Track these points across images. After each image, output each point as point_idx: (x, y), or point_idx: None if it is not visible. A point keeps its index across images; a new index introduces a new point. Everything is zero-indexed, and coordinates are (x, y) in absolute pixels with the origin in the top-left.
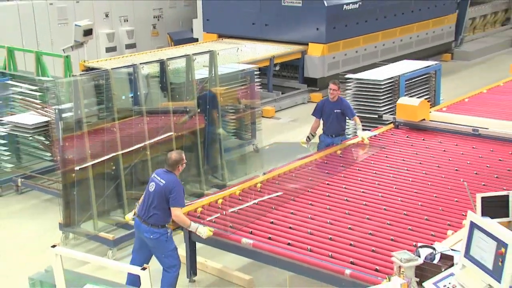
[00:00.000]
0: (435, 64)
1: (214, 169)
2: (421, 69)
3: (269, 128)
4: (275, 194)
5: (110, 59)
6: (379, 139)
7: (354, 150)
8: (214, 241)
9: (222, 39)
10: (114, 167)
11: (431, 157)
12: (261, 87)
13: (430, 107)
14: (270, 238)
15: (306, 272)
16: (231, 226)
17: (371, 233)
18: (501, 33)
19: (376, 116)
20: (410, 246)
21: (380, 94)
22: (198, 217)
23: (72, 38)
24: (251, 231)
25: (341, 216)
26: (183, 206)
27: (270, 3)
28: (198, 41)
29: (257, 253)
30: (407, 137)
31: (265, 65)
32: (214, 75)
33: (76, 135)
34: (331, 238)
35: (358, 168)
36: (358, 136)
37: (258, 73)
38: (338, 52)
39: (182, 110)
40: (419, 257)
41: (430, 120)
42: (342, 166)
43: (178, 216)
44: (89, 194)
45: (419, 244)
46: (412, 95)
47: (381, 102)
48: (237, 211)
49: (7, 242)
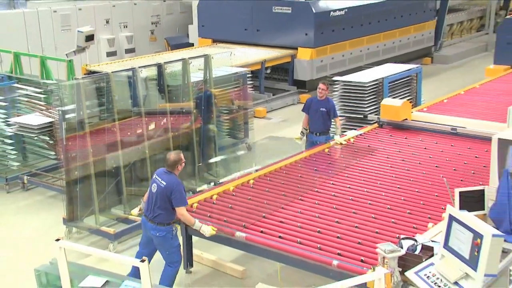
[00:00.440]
0: (416, 67)
1: (209, 166)
2: (403, 72)
3: (261, 127)
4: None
5: (111, 63)
6: (365, 138)
7: (341, 150)
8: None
9: (217, 44)
10: (114, 165)
11: (413, 154)
12: (253, 89)
13: (412, 108)
14: (262, 231)
15: (296, 263)
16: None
17: (357, 226)
18: (476, 38)
19: (361, 116)
20: (393, 238)
21: (365, 96)
22: (194, 211)
23: (74, 43)
24: (244, 225)
25: (329, 210)
26: (186, 205)
27: (261, 10)
28: (193, 45)
29: (249, 245)
30: (391, 136)
31: (257, 68)
32: (209, 78)
33: (78, 135)
34: (320, 231)
35: (344, 165)
36: (335, 139)
37: (250, 76)
38: (325, 56)
39: (179, 111)
40: (402, 248)
41: (412, 119)
42: (330, 163)
43: (183, 215)
44: (91, 191)
45: (402, 236)
46: (395, 96)
47: (366, 103)
48: (232, 207)
49: (14, 236)
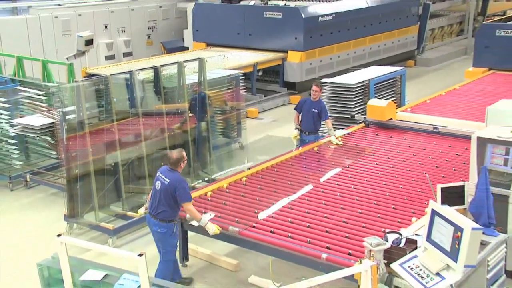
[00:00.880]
0: (401, 69)
1: (204, 164)
2: (388, 74)
3: (253, 127)
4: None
5: (109, 66)
6: (352, 137)
7: (330, 148)
8: (204, 229)
9: (210, 48)
10: (113, 164)
11: (398, 152)
12: (245, 91)
13: (397, 108)
14: (255, 226)
15: (287, 256)
16: (237, 221)
17: (345, 221)
18: (456, 42)
19: (349, 116)
20: (379, 232)
21: (352, 96)
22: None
23: (75, 47)
24: (237, 220)
25: (318, 206)
26: (191, 200)
27: (253, 15)
28: (188, 49)
29: (243, 240)
30: (377, 135)
31: (249, 70)
32: (203, 80)
33: (78, 135)
34: (309, 226)
35: (333, 162)
36: (331, 140)
37: (242, 78)
38: (314, 59)
39: (174, 112)
40: (387, 241)
41: (397, 119)
42: (319, 161)
43: (190, 210)
44: (90, 188)
45: (387, 230)
46: (380, 97)
47: (353, 103)
48: (227, 203)
49: (18, 232)
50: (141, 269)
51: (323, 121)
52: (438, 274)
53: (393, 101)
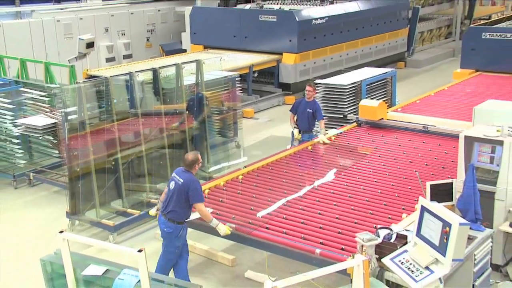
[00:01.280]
0: (391, 71)
1: (201, 163)
2: (379, 75)
3: (249, 127)
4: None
5: (110, 68)
6: (345, 136)
7: (324, 147)
8: (201, 226)
9: (208, 50)
10: (113, 162)
11: (389, 151)
12: (241, 91)
13: (388, 108)
14: (250, 222)
15: (282, 252)
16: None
17: (338, 217)
18: (445, 44)
19: (341, 116)
20: (371, 228)
21: (345, 97)
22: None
23: (76, 50)
24: (234, 217)
25: (312, 203)
26: (203, 201)
27: (249, 19)
28: (186, 51)
29: (239, 236)
30: (368, 134)
31: (245, 72)
32: (200, 81)
33: (80, 135)
34: (303, 222)
35: (326, 161)
36: (319, 138)
37: (239, 79)
38: (308, 60)
39: (173, 112)
40: (379, 237)
41: (388, 119)
42: (313, 160)
43: (201, 210)
44: (92, 186)
45: (379, 226)
46: (372, 98)
47: (345, 103)
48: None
49: (21, 229)
50: (141, 264)
51: (318, 121)
52: (427, 267)
53: (384, 101)
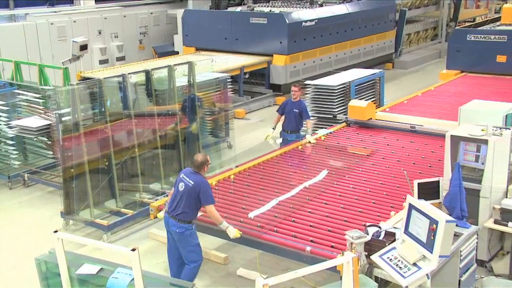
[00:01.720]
0: (379, 71)
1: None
2: (368, 76)
3: (240, 127)
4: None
5: (103, 70)
6: (334, 136)
7: (313, 147)
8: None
9: (199, 52)
10: (107, 163)
11: (377, 150)
12: (233, 93)
13: (376, 108)
14: (242, 221)
15: (273, 250)
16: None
17: (328, 215)
18: (431, 46)
19: (331, 116)
20: (360, 225)
21: (334, 98)
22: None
23: (70, 52)
24: (226, 215)
25: (302, 201)
26: (214, 203)
27: (240, 21)
28: (178, 53)
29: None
30: (357, 133)
31: (236, 73)
32: (192, 83)
33: (74, 136)
34: (294, 220)
35: (316, 160)
36: (306, 137)
37: (230, 80)
38: (298, 62)
39: (165, 113)
40: (368, 234)
41: (376, 119)
42: (303, 159)
43: (212, 212)
44: (86, 186)
45: (368, 223)
46: (361, 98)
47: (335, 104)
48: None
49: (17, 229)
50: (134, 263)
51: (304, 121)
52: (415, 264)
53: (372, 101)
